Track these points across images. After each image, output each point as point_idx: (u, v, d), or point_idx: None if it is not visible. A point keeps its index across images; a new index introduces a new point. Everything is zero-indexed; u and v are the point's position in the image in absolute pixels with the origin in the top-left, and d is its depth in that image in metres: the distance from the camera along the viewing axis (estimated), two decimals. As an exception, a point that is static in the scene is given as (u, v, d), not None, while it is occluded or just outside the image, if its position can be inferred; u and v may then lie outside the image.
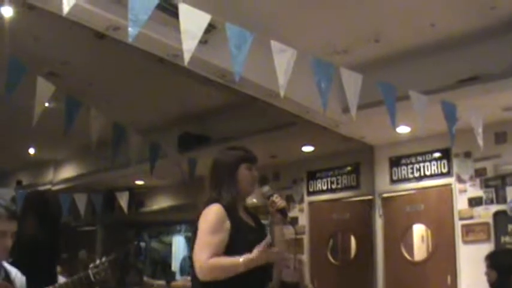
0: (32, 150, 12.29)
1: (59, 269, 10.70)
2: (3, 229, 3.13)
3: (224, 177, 3.40)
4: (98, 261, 3.27)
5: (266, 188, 3.55)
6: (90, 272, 3.22)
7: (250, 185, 3.46)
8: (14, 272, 3.30)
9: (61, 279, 9.09)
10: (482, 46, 6.25)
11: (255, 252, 3.11)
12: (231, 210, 3.29)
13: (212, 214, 3.23)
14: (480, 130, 5.26)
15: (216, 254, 3.13)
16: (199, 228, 3.23)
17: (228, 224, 3.22)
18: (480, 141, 5.25)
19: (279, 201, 3.51)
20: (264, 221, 3.70)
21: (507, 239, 7.06)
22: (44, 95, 5.26)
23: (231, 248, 3.19)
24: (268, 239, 3.18)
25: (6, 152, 12.32)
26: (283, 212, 3.54)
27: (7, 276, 3.22)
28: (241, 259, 3.10)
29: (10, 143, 11.45)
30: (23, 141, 11.29)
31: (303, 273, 5.99)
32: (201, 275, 3.14)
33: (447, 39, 6.33)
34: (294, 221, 9.31)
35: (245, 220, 3.42)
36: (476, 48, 6.29)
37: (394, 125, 5.15)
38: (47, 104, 5.38)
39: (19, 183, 13.83)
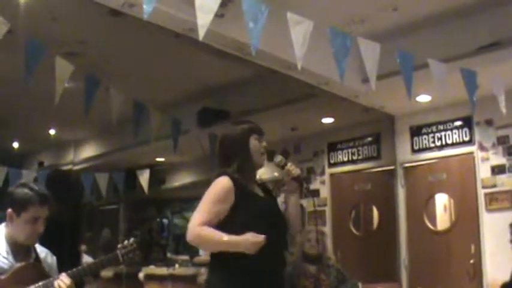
0: (52, 131, 12.35)
1: (83, 247, 10.82)
2: (36, 215, 3.16)
3: (235, 149, 3.41)
4: (126, 242, 3.29)
5: (278, 158, 3.54)
6: (118, 252, 3.24)
7: (261, 156, 3.46)
8: (45, 253, 3.34)
9: (86, 258, 9.18)
10: (502, 11, 6.12)
11: (244, 237, 3.11)
12: (240, 183, 3.29)
13: (218, 185, 3.27)
14: (502, 97, 5.18)
15: (210, 223, 3.17)
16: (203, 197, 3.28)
17: (232, 197, 3.24)
18: (503, 109, 5.18)
19: (293, 169, 3.51)
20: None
21: (532, 206, 7.02)
22: (64, 75, 5.26)
23: (236, 218, 3.21)
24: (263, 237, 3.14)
25: (28, 133, 12.43)
26: (298, 179, 3.55)
27: (37, 257, 3.26)
28: (225, 238, 3.12)
29: (31, 125, 11.54)
30: (43, 122, 11.37)
31: (325, 245, 6.00)
32: (188, 236, 3.19)
33: (466, 5, 6.21)
34: (316, 193, 9.32)
35: (255, 192, 3.43)
36: (496, 14, 6.16)
37: (411, 96, 5.07)
38: (66, 84, 5.39)
39: (41, 164, 13.93)
